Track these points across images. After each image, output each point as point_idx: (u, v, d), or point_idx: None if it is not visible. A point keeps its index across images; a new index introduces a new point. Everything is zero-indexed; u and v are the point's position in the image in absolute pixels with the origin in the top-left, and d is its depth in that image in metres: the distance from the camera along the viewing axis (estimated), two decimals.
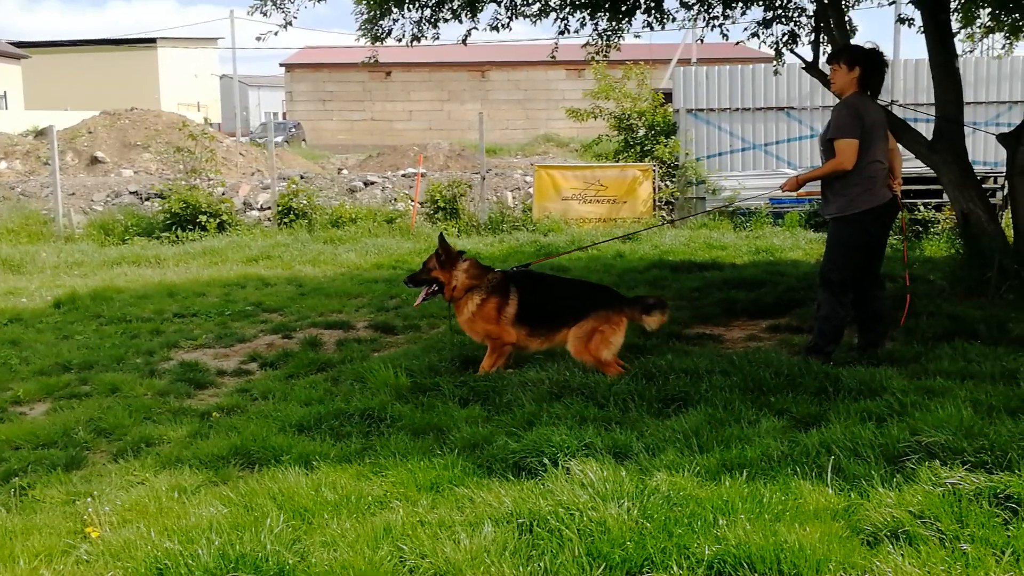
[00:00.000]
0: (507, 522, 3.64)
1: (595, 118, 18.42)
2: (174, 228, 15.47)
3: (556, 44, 11.31)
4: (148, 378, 6.80)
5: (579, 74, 46.73)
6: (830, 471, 4.00)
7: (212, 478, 4.55)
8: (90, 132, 27.34)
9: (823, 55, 8.75)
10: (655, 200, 16.94)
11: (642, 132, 17.75)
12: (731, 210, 15.53)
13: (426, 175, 19.50)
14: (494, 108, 48.03)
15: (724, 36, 10.67)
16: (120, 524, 3.96)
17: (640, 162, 17.26)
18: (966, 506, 3.52)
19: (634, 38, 11.27)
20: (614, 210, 16.70)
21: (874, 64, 6.20)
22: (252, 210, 17.88)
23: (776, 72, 12.57)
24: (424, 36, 10.00)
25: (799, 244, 13.30)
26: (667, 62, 34.56)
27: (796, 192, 6.64)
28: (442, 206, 16.58)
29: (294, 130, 47.53)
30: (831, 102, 16.72)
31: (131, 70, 58.09)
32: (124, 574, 3.37)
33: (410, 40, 10.04)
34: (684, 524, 3.49)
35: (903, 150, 7.45)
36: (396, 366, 6.21)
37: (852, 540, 3.40)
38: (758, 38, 10.40)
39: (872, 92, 6.23)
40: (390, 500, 4.04)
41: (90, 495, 4.31)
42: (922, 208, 14.17)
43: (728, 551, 3.27)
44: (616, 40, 10.92)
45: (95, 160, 26.08)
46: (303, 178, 19.23)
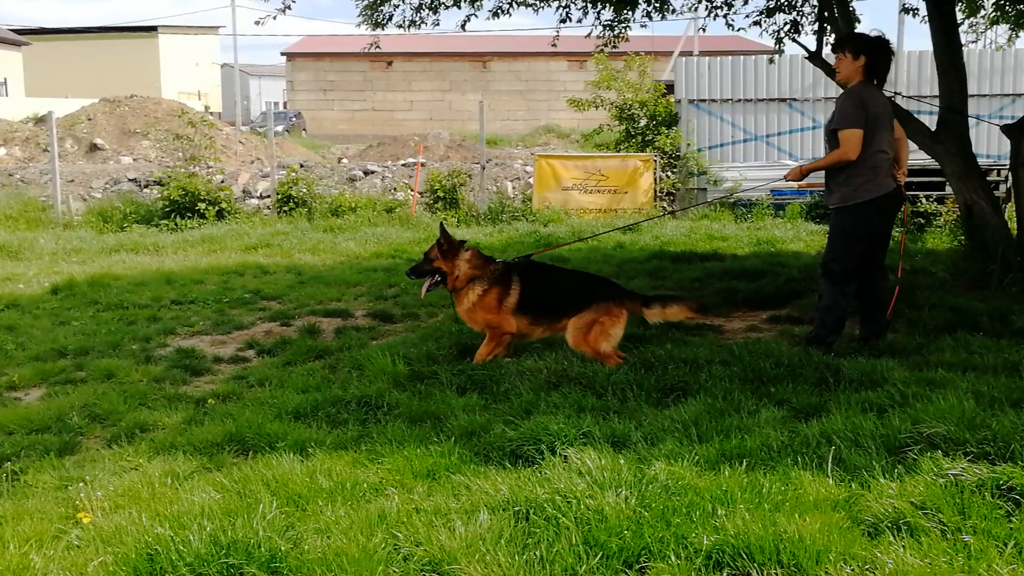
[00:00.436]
0: (503, 510, 3.60)
1: (596, 108, 18.35)
2: (173, 216, 15.40)
3: (557, 33, 11.23)
4: (144, 364, 6.75)
5: (581, 65, 46.65)
6: (831, 462, 3.96)
7: (206, 464, 4.50)
8: (89, 119, 27.25)
9: (827, 45, 8.68)
10: (656, 191, 16.88)
11: (643, 122, 17.69)
12: (732, 201, 15.46)
13: (426, 165, 19.43)
14: (495, 99, 47.94)
15: (729, 25, 10.60)
16: (112, 509, 3.92)
17: (641, 152, 17.20)
18: (968, 497, 3.48)
19: (640, 28, 11.20)
20: (615, 200, 16.64)
21: (880, 52, 6.12)
22: (251, 198, 17.81)
23: (771, 61, 12.48)
24: (424, 22, 9.93)
25: (800, 235, 13.25)
26: (669, 54, 34.48)
27: (800, 183, 6.59)
28: (442, 196, 16.51)
29: (295, 119, 47.43)
30: (833, 93, 16.70)
31: (132, 58, 57.95)
32: (114, 560, 3.32)
33: (409, 26, 9.96)
34: (683, 513, 3.44)
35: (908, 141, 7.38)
36: (394, 354, 6.16)
37: (853, 531, 3.36)
38: (760, 27, 10.32)
39: (878, 81, 6.16)
40: (385, 487, 3.99)
41: (82, 480, 4.26)
42: (924, 200, 14.11)
43: (727, 541, 3.22)
44: (621, 30, 10.83)
45: (94, 147, 26.00)
46: (303, 167, 19.17)
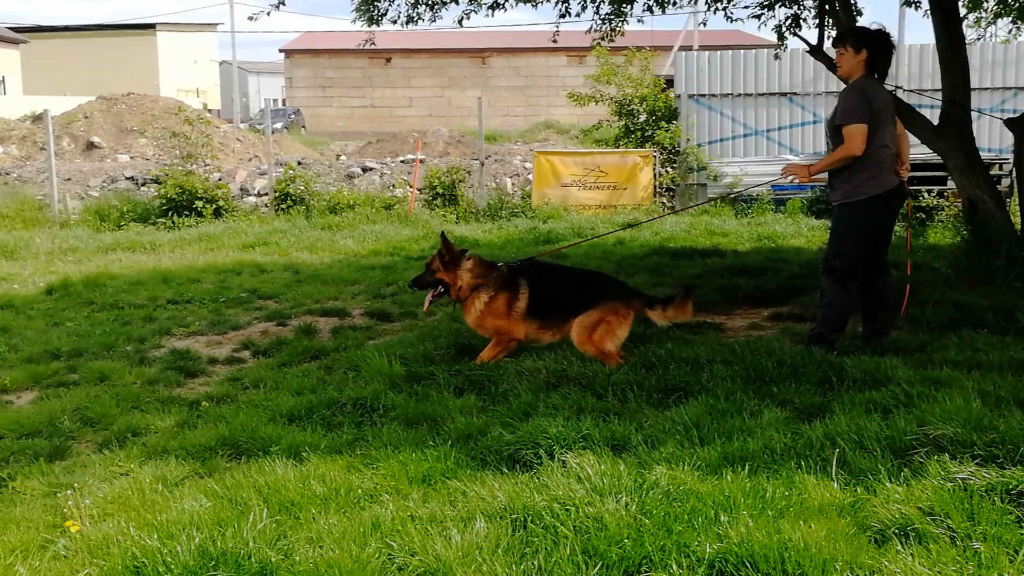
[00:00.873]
0: (500, 517, 3.51)
1: (596, 103, 18.24)
2: (170, 214, 15.31)
3: (558, 29, 11.13)
4: (138, 366, 6.66)
5: (580, 60, 46.51)
6: (835, 465, 3.88)
7: (198, 469, 4.42)
8: (86, 117, 27.13)
9: (828, 38, 8.58)
10: (656, 186, 16.78)
11: (643, 118, 17.59)
12: (733, 197, 15.36)
13: (425, 161, 19.33)
14: (495, 94, 47.83)
15: (728, 18, 10.49)
16: (101, 517, 3.84)
17: (641, 148, 17.10)
18: (977, 502, 3.39)
19: (637, 23, 11.09)
20: (614, 196, 16.54)
21: (882, 46, 6.02)
22: (249, 196, 17.71)
23: (776, 56, 12.37)
24: (421, 18, 9.82)
25: (801, 231, 13.15)
26: (668, 49, 34.28)
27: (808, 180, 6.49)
28: (440, 192, 16.41)
29: (294, 116, 47.31)
30: (834, 87, 16.61)
31: (130, 56, 57.85)
32: (100, 572, 3.24)
33: (405, 22, 9.86)
34: (684, 520, 3.35)
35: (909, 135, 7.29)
36: (391, 354, 6.08)
37: (859, 538, 3.27)
38: (760, 20, 10.21)
39: (880, 75, 6.07)
40: (380, 493, 3.91)
41: (72, 487, 4.18)
42: (926, 195, 14.01)
43: (730, 549, 3.13)
44: (619, 24, 10.73)
45: (91, 145, 25.89)
46: (301, 164, 19.06)
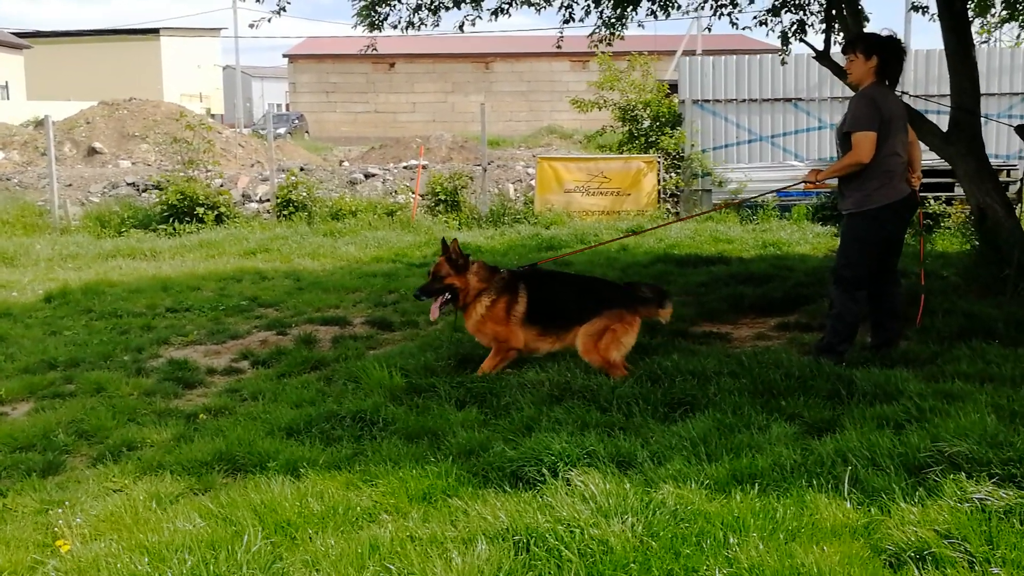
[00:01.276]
0: (502, 539, 3.40)
1: (600, 109, 18.16)
2: (171, 220, 15.24)
3: (561, 34, 11.03)
4: (135, 377, 6.56)
5: (583, 66, 46.44)
6: (847, 483, 3.76)
7: (194, 486, 4.32)
8: (88, 122, 27.09)
9: (835, 44, 8.48)
10: (660, 192, 16.68)
11: (647, 123, 17.49)
12: (737, 203, 15.26)
13: (427, 167, 19.24)
14: (498, 100, 47.77)
15: (733, 24, 10.39)
16: (92, 537, 3.74)
17: (644, 154, 17.00)
18: (996, 525, 3.28)
19: (638, 27, 10.99)
20: (618, 202, 16.45)
21: (892, 52, 5.92)
22: (251, 202, 17.64)
23: (783, 62, 12.28)
24: (424, 23, 9.73)
25: (807, 238, 13.04)
26: (671, 54, 34.26)
27: (806, 184, 6.39)
28: (443, 198, 16.33)
29: (297, 122, 47.24)
30: (840, 93, 16.52)
31: (134, 61, 57.86)
32: None
33: (406, 27, 9.76)
34: (692, 543, 3.24)
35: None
36: (391, 365, 5.97)
37: (874, 562, 3.16)
38: (766, 26, 10.11)
39: (891, 82, 5.97)
40: (379, 512, 3.80)
41: (64, 504, 4.08)
42: (932, 202, 13.89)
43: (741, 575, 3.02)
44: (621, 29, 10.64)
45: (93, 151, 25.84)
46: (303, 170, 18.99)
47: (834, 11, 8.65)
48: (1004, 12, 11.32)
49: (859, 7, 8.53)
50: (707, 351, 6.31)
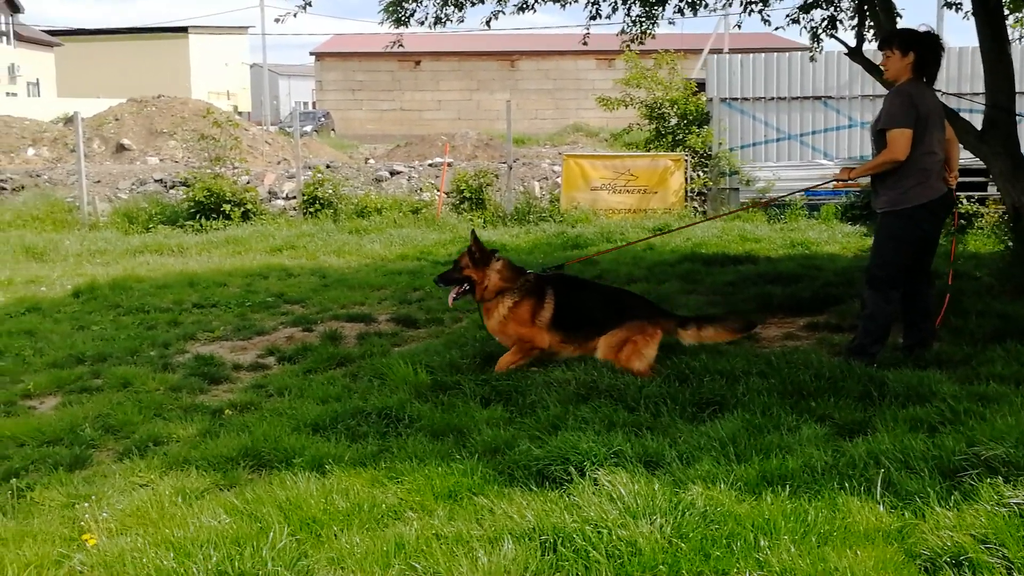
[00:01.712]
0: (529, 539, 3.36)
1: (626, 107, 18.06)
2: (198, 217, 15.31)
3: (587, 31, 10.97)
4: (161, 372, 6.58)
5: (609, 64, 46.33)
6: (880, 486, 3.69)
7: (219, 481, 4.31)
8: (117, 119, 27.31)
9: (868, 41, 8.36)
10: (687, 191, 16.57)
11: (674, 121, 17.38)
12: (766, 202, 15.13)
13: (453, 165, 19.23)
14: (523, 98, 47.71)
15: (765, 21, 10.28)
16: (118, 531, 3.74)
17: (672, 152, 16.90)
18: None
19: (668, 24, 10.92)
20: (644, 200, 16.35)
21: (930, 48, 5.80)
22: (277, 199, 17.70)
23: (812, 59, 12.13)
24: (449, 19, 9.69)
25: (835, 237, 12.88)
26: (698, 52, 34.05)
27: (835, 184, 6.30)
28: (468, 196, 16.30)
29: (324, 119, 47.44)
30: (870, 91, 16.33)
31: (163, 59, 58.37)
32: None
33: (433, 23, 9.73)
34: (722, 545, 3.19)
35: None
36: (416, 363, 5.95)
37: (909, 566, 3.09)
38: (799, 24, 9.99)
39: (928, 79, 5.85)
40: (404, 510, 3.78)
41: (90, 498, 4.08)
42: (965, 201, 13.69)
43: None
44: (650, 27, 10.55)
45: (121, 147, 26.05)
46: (329, 167, 19.04)
47: (866, 7, 8.54)
48: None
49: (891, 3, 8.40)
50: (736, 351, 6.23)
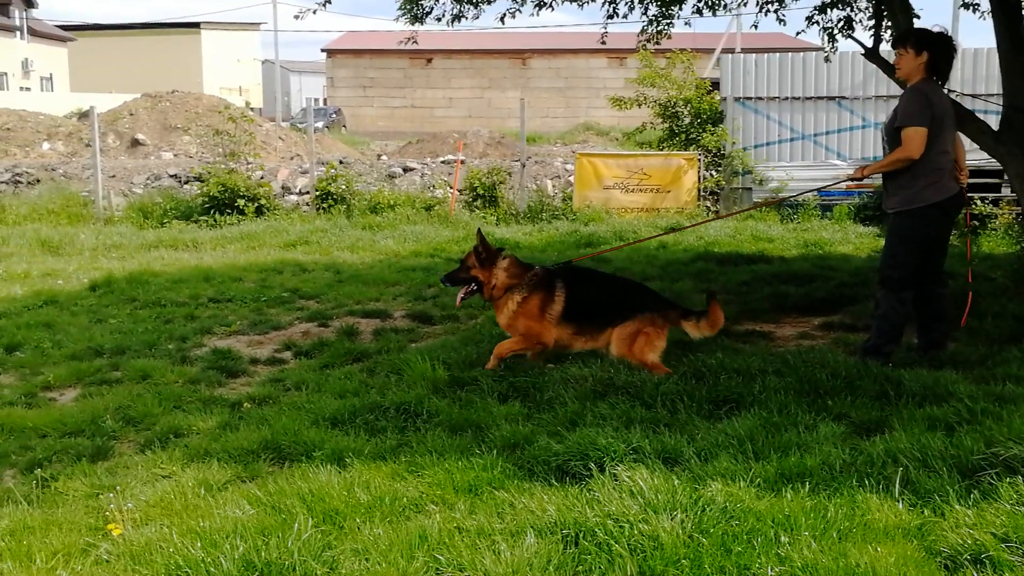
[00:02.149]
0: (551, 532, 3.39)
1: (639, 106, 18.04)
2: (212, 212, 15.36)
3: (605, 29, 10.95)
4: (180, 365, 6.64)
5: (621, 62, 46.32)
6: (898, 484, 3.71)
7: (241, 473, 4.36)
8: (131, 114, 27.41)
9: (885, 41, 8.36)
10: (700, 190, 16.57)
11: (687, 120, 17.37)
12: (779, 201, 15.11)
13: (465, 162, 19.25)
14: (534, 96, 47.68)
15: (780, 21, 10.29)
16: (143, 521, 3.78)
17: (685, 151, 16.89)
18: None
19: (684, 25, 10.90)
20: (657, 199, 16.35)
21: (943, 48, 5.83)
22: (291, 194, 17.75)
23: (827, 59, 12.12)
24: (464, 16, 9.71)
25: (849, 238, 12.86)
26: (710, 52, 33.97)
27: (850, 184, 6.32)
28: (481, 194, 16.32)
29: (335, 116, 47.48)
30: (884, 92, 16.30)
31: (175, 54, 58.54)
32: None
33: (451, 20, 9.75)
34: (744, 541, 3.22)
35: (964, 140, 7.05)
36: (433, 358, 5.98)
37: (929, 564, 3.12)
38: (818, 25, 9.97)
39: (940, 78, 5.87)
40: (426, 503, 3.81)
41: (114, 489, 4.13)
42: (979, 202, 13.66)
43: (794, 573, 2.99)
44: (669, 27, 10.55)
45: (136, 142, 26.15)
46: (342, 163, 19.07)
47: (883, 7, 8.53)
48: None
49: (909, 3, 8.39)
50: (751, 350, 6.26)
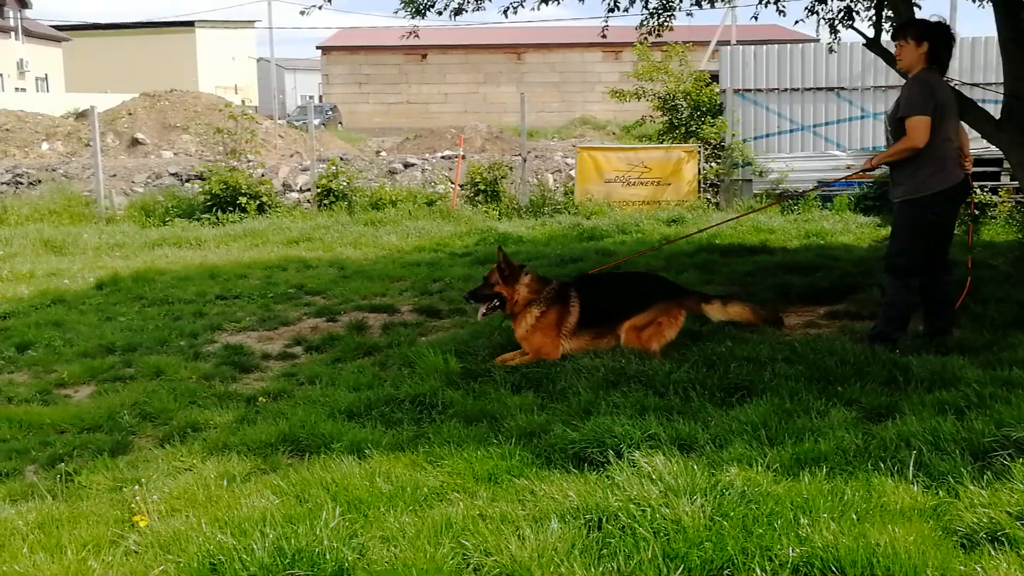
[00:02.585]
0: (573, 517, 3.45)
1: (638, 99, 18.08)
2: (214, 210, 15.39)
3: (606, 23, 10.98)
4: (192, 361, 6.69)
5: (616, 56, 46.33)
6: (912, 467, 3.77)
7: (261, 465, 4.42)
8: (130, 114, 27.39)
9: (886, 31, 8.41)
10: (700, 182, 16.62)
11: (687, 113, 17.41)
12: (779, 192, 15.16)
13: (466, 157, 19.28)
14: (530, 90, 47.45)
15: (780, 12, 10.34)
16: (168, 513, 3.84)
17: (685, 143, 16.94)
18: None
19: (686, 16, 10.93)
20: (658, 192, 16.40)
21: (943, 39, 5.90)
22: (292, 192, 17.77)
23: (831, 50, 12.17)
24: (465, 9, 9.73)
25: (850, 228, 12.92)
26: (705, 44, 33.96)
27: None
28: (483, 188, 16.36)
29: (331, 113, 47.44)
30: (883, 82, 16.35)
31: (169, 53, 58.41)
32: (176, 569, 3.23)
33: (453, 14, 9.77)
34: (764, 523, 3.28)
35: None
36: (445, 351, 6.04)
37: (946, 542, 3.18)
38: (819, 15, 10.02)
39: (940, 68, 5.94)
40: (447, 492, 3.87)
41: (137, 482, 4.19)
42: (979, 191, 13.72)
43: (814, 553, 3.05)
44: (668, 20, 10.59)
45: (136, 142, 26.14)
46: (343, 160, 19.10)
47: None
48: None
49: None
50: (760, 339, 6.30)
